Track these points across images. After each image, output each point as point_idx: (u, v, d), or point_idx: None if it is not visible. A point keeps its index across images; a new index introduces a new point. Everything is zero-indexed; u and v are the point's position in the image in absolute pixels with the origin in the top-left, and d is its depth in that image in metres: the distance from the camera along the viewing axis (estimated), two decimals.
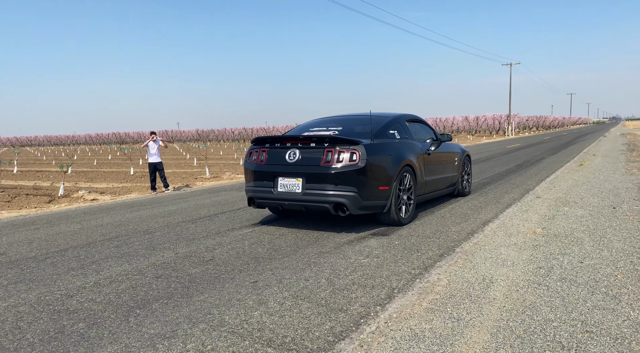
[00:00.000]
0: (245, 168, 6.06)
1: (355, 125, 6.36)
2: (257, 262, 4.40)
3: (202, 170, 17.98)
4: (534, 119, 75.50)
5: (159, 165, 11.26)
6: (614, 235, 4.96)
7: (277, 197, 5.56)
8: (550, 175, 10.69)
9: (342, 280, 3.80)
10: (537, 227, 5.47)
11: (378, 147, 5.58)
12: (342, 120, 6.68)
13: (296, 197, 5.43)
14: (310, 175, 5.36)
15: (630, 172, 10.60)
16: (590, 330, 2.80)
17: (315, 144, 5.44)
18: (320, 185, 5.32)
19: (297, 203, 5.45)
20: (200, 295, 3.57)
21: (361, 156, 5.26)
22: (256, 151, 5.96)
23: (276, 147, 5.76)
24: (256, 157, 5.91)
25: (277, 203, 5.64)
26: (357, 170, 5.22)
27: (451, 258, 4.36)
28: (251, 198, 5.87)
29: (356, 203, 5.26)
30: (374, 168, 5.38)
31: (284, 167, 5.57)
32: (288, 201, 5.50)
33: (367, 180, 5.31)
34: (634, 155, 15.70)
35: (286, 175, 5.53)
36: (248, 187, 5.95)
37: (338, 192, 5.24)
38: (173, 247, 5.07)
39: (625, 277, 3.68)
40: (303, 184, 5.40)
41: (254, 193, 5.81)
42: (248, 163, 6.01)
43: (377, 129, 6.01)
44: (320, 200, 5.31)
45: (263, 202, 5.79)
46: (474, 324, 2.94)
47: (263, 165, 5.77)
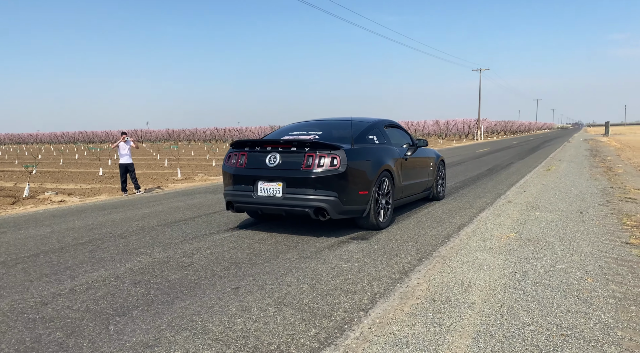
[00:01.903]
0: (224, 171, 5.99)
1: (335, 130, 6.38)
2: (238, 267, 4.37)
3: (173, 172, 17.68)
4: (502, 124, 77.55)
5: (130, 166, 11.03)
6: (582, 240, 5.16)
7: (257, 201, 5.53)
8: (520, 180, 11.02)
9: (324, 286, 3.82)
10: (511, 232, 5.63)
11: (358, 152, 5.61)
12: (322, 125, 6.70)
13: (276, 201, 5.41)
14: (291, 180, 5.35)
15: (594, 178, 11.04)
16: (565, 334, 2.91)
17: (296, 148, 5.44)
18: (300, 190, 5.32)
19: (277, 207, 5.44)
20: (182, 301, 3.53)
21: (342, 161, 5.28)
22: (235, 154, 5.90)
23: (256, 150, 5.72)
24: (235, 160, 5.85)
25: (256, 207, 5.61)
26: (337, 175, 5.24)
27: (429, 262, 4.45)
28: (230, 203, 5.81)
29: (336, 208, 5.29)
30: (354, 173, 5.41)
31: (264, 171, 5.53)
32: (268, 205, 5.49)
33: (348, 184, 5.34)
34: (597, 160, 16.34)
35: (266, 179, 5.49)
36: (227, 191, 5.88)
37: (318, 196, 5.25)
38: (150, 252, 4.98)
39: (595, 281, 3.84)
40: (283, 188, 5.39)
41: (232, 197, 5.75)
42: (227, 166, 5.94)
43: (357, 134, 6.03)
44: (300, 205, 5.31)
45: (242, 206, 5.73)
46: (455, 329, 3.01)
47: (242, 168, 5.72)
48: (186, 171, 17.75)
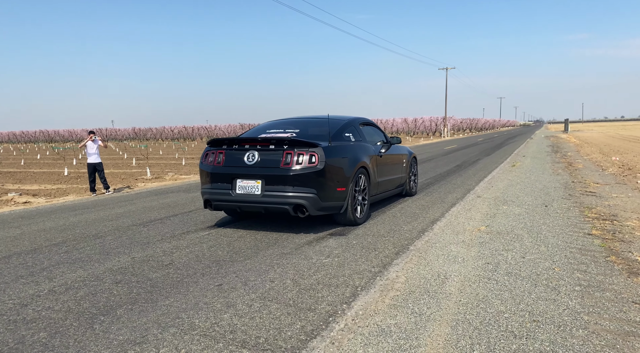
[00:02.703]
0: (201, 170, 5.97)
1: (312, 128, 6.48)
2: (219, 265, 4.40)
3: (142, 171, 17.36)
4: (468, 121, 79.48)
5: (99, 166, 10.80)
6: (548, 232, 5.43)
7: (236, 199, 5.54)
8: (487, 176, 11.39)
9: (307, 281, 3.90)
10: (481, 225, 5.86)
11: (336, 150, 5.72)
12: (299, 123, 6.78)
13: (255, 199, 5.45)
14: (270, 177, 5.40)
15: (557, 173, 11.54)
16: (536, 320, 3.09)
17: (275, 146, 5.48)
18: (279, 187, 5.38)
19: (256, 205, 5.47)
20: (166, 299, 3.54)
21: (320, 158, 5.38)
22: (212, 153, 5.89)
23: (234, 148, 5.73)
24: (213, 158, 5.84)
25: (235, 205, 5.61)
26: (316, 172, 5.33)
27: (406, 256, 4.60)
28: (208, 201, 5.81)
29: (315, 205, 5.39)
30: (332, 170, 5.51)
31: (242, 169, 5.55)
32: (247, 203, 5.51)
33: (326, 181, 5.44)
34: (558, 156, 17.04)
35: (245, 177, 5.52)
36: (204, 189, 5.87)
37: (297, 193, 5.33)
38: (128, 252, 4.94)
39: (562, 270, 4.07)
40: (262, 186, 5.43)
41: (210, 195, 5.75)
42: (204, 164, 5.92)
43: (334, 132, 6.13)
44: (280, 202, 5.36)
45: (220, 204, 5.74)
46: (434, 318, 3.15)
47: (220, 166, 5.72)
48: (155, 170, 17.46)
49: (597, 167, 12.75)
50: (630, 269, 4.04)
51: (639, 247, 4.72)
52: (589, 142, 28.42)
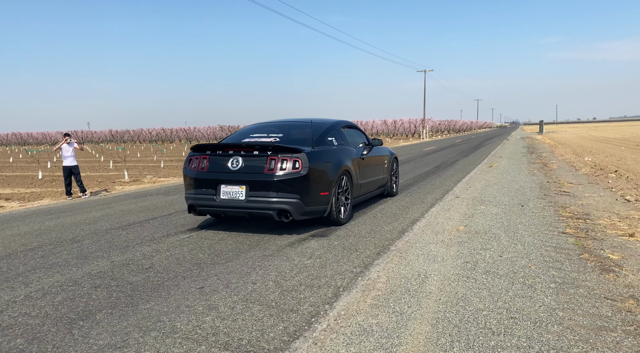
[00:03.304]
0: (184, 175, 5.97)
1: (295, 132, 6.53)
2: (200, 267, 4.38)
3: (120, 174, 17.08)
4: (446, 123, 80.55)
5: (75, 169, 10.60)
6: (524, 231, 5.56)
7: (220, 204, 5.56)
8: (465, 176, 11.58)
9: (289, 282, 3.91)
10: (460, 225, 5.97)
11: (319, 155, 5.77)
12: (282, 127, 6.80)
13: (239, 204, 5.47)
14: (254, 183, 5.42)
15: (532, 173, 11.81)
16: (514, 317, 3.17)
17: (259, 151, 5.51)
18: (263, 193, 5.41)
19: (240, 210, 5.51)
20: (146, 303, 3.50)
21: (303, 164, 5.42)
22: (196, 158, 5.89)
23: (218, 154, 5.73)
24: (196, 164, 5.85)
25: (219, 210, 5.65)
26: (299, 178, 5.37)
27: (387, 256, 4.65)
28: (192, 206, 5.82)
29: (299, 210, 5.44)
30: (315, 174, 5.55)
31: (226, 174, 5.56)
32: (231, 208, 5.54)
33: (310, 186, 5.48)
34: (534, 157, 17.43)
35: (229, 182, 5.54)
36: (188, 195, 5.87)
37: (281, 199, 5.37)
38: (107, 256, 4.87)
39: (538, 268, 4.18)
40: (246, 192, 5.46)
41: (194, 200, 5.76)
42: (188, 170, 5.92)
43: (317, 136, 6.18)
44: (264, 207, 5.40)
45: (205, 209, 5.77)
46: (415, 317, 3.21)
47: (204, 172, 5.72)
48: (133, 173, 17.19)
49: (570, 168, 13.09)
50: (602, 266, 4.17)
51: (611, 244, 4.88)
52: (562, 143, 29.15)
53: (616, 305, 3.32)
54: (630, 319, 3.08)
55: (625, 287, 3.65)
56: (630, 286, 3.68)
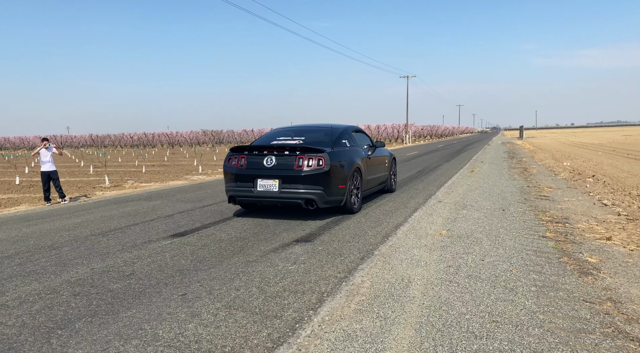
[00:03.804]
0: (225, 171, 7.06)
1: (315, 135, 7.56)
2: (182, 274, 4.32)
3: (100, 179, 16.80)
4: (428, 128, 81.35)
5: (54, 174, 10.39)
6: (506, 235, 5.64)
7: (257, 195, 6.65)
8: (447, 181, 11.70)
9: (272, 288, 3.89)
10: (443, 229, 6.02)
11: (337, 154, 6.91)
12: (302, 131, 7.88)
13: (273, 194, 6.57)
14: (285, 177, 6.52)
15: (513, 178, 11.99)
16: (496, 320, 3.21)
17: (289, 152, 6.62)
18: (293, 185, 6.51)
19: (274, 199, 6.60)
20: (127, 311, 3.45)
21: (326, 162, 6.55)
22: (235, 157, 6.99)
23: (254, 154, 6.83)
24: (236, 162, 6.95)
25: (256, 200, 6.74)
26: (323, 173, 6.50)
27: (371, 261, 4.67)
28: (232, 197, 6.91)
29: (322, 199, 6.58)
30: (335, 170, 6.67)
31: (262, 170, 6.67)
32: (266, 198, 6.63)
33: (331, 180, 6.59)
34: (514, 162, 17.71)
35: (264, 177, 6.62)
36: (229, 188, 6.94)
37: (308, 190, 6.47)
38: (87, 262, 4.78)
39: (519, 272, 4.24)
40: (279, 184, 6.55)
41: (234, 192, 6.83)
42: (229, 167, 7.00)
43: (334, 139, 7.31)
44: (294, 197, 6.51)
45: (243, 199, 6.85)
46: (399, 322, 3.22)
47: (243, 169, 6.82)
48: (114, 178, 16.94)
49: (550, 172, 13.33)
50: (581, 269, 4.25)
51: (589, 248, 4.98)
52: (542, 148, 29.69)
53: (594, 307, 3.38)
54: (608, 321, 3.15)
55: (603, 290, 3.73)
56: (608, 289, 3.76)
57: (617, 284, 3.85)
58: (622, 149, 25.60)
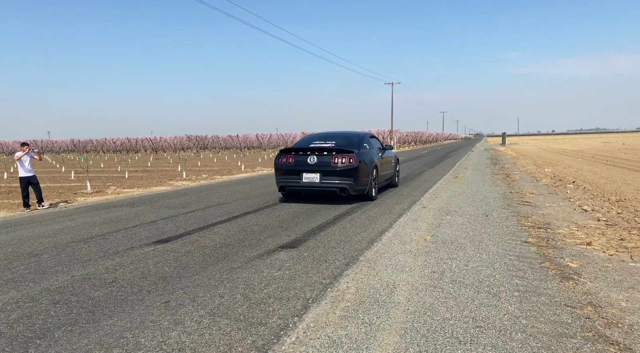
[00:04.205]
0: (276, 167, 9.22)
1: (342, 140, 9.56)
2: (166, 281, 4.27)
3: (82, 185, 16.53)
4: (413, 135, 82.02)
5: (33, 179, 10.19)
6: (489, 240, 5.70)
7: (302, 185, 8.82)
8: (432, 187, 11.80)
9: (257, 295, 3.87)
10: (427, 235, 6.06)
11: (362, 154, 9.04)
12: (331, 136, 9.88)
13: (316, 184, 8.72)
14: (325, 171, 8.66)
15: (496, 184, 12.14)
16: (480, 325, 3.23)
17: (327, 152, 8.77)
18: (331, 177, 8.64)
19: (316, 188, 8.76)
20: (109, 319, 3.38)
21: (355, 160, 8.67)
22: (284, 156, 9.13)
23: (300, 154, 8.96)
24: (285, 160, 9.07)
25: (301, 189, 8.90)
26: (353, 169, 8.64)
27: (357, 266, 4.67)
28: (282, 187, 9.10)
29: (352, 188, 8.70)
30: (361, 167, 8.79)
31: (306, 166, 8.80)
32: (310, 187, 8.78)
33: (358, 174, 8.70)
34: (497, 168, 17.95)
35: (308, 171, 8.77)
36: (279, 180, 9.14)
37: (342, 181, 8.62)
38: (67, 270, 4.68)
39: (502, 277, 4.28)
40: (320, 177, 8.68)
41: (285, 183, 9.01)
42: (280, 164, 9.13)
43: (358, 142, 9.41)
44: (331, 186, 8.65)
45: (292, 188, 9.00)
46: (384, 327, 3.22)
47: (292, 165, 8.93)
48: (96, 184, 16.68)
49: (532, 178, 13.54)
50: (562, 274, 4.32)
51: (570, 253, 5.06)
52: (524, 154, 30.15)
53: (575, 312, 3.43)
54: (589, 325, 3.20)
55: (583, 294, 3.79)
56: (588, 293, 3.82)
57: (597, 289, 3.92)
58: (601, 156, 26.15)
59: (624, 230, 6.15)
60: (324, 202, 9.21)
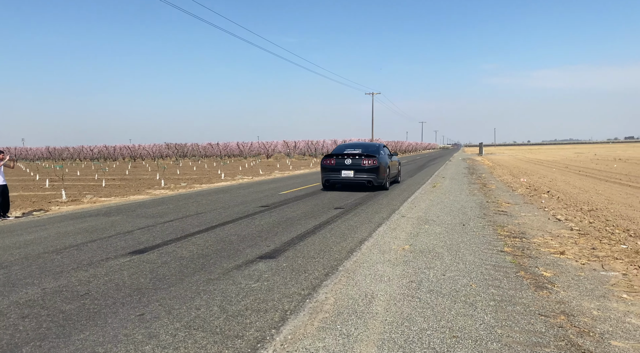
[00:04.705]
0: (323, 166, 13.52)
1: (366, 148, 13.91)
2: (141, 293, 4.19)
3: (57, 193, 16.14)
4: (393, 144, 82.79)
5: (5, 188, 9.89)
6: (466, 250, 5.76)
7: (341, 179, 13.07)
8: (410, 196, 11.91)
9: (234, 307, 3.82)
10: (406, 244, 6.10)
11: (380, 158, 13.25)
12: (358, 146, 14.22)
13: (350, 178, 12.94)
14: (356, 169, 12.88)
15: (473, 193, 12.32)
16: (456, 335, 3.26)
17: (358, 156, 12.98)
18: (361, 173, 12.83)
19: (350, 181, 12.96)
20: (80, 333, 3.30)
21: (377, 162, 12.89)
22: (328, 159, 13.42)
23: (339, 157, 13.21)
24: (329, 161, 13.37)
25: (340, 181, 13.15)
26: (375, 167, 12.84)
27: (335, 276, 4.66)
28: (327, 180, 13.40)
29: (375, 181, 12.85)
30: (380, 166, 13.00)
31: (344, 166, 13.04)
32: (346, 180, 13.00)
33: (379, 171, 12.89)
34: (474, 178, 18.23)
35: (346, 169, 12.99)
36: (325, 175, 13.43)
37: (369, 176, 12.81)
38: (38, 282, 4.55)
39: (478, 286, 4.33)
40: (354, 173, 12.88)
41: (329, 177, 13.31)
42: (326, 164, 13.47)
43: (378, 150, 13.82)
44: (361, 179, 12.85)
45: (334, 181, 13.29)
46: (362, 339, 3.22)
47: (334, 165, 13.22)
48: (72, 192, 16.31)
49: (508, 188, 13.79)
50: (537, 283, 4.39)
51: (544, 262, 5.16)
52: (500, 164, 30.71)
53: (549, 321, 3.49)
54: (562, 334, 3.25)
55: (557, 303, 3.86)
56: (562, 302, 3.89)
57: (569, 297, 4.00)
58: (574, 166, 26.81)
59: (595, 239, 6.30)
60: (307, 211, 9.20)
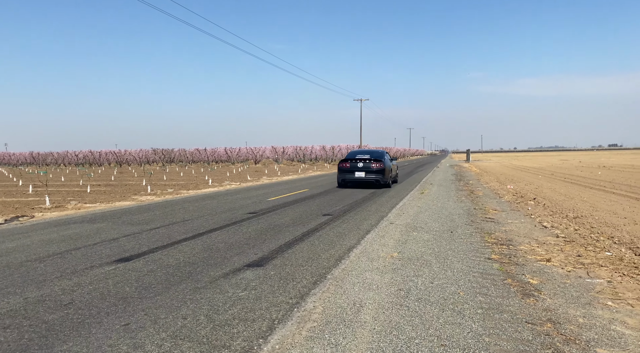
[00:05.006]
0: (340, 168, 17.12)
1: (374, 154, 17.10)
2: (126, 302, 4.12)
3: (40, 199, 15.88)
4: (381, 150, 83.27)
5: None
6: (454, 257, 5.79)
7: (355, 178, 16.64)
8: (399, 203, 11.95)
9: (222, 316, 3.78)
10: (394, 252, 6.10)
11: (385, 161, 16.77)
12: (367, 152, 17.47)
13: (362, 178, 16.51)
14: (367, 171, 16.47)
15: (460, 200, 12.41)
16: (444, 344, 3.26)
17: (368, 160, 16.60)
18: (370, 174, 16.43)
19: (362, 180, 16.54)
20: (63, 344, 3.23)
21: (383, 165, 16.49)
22: (344, 163, 16.98)
23: (353, 161, 16.76)
24: (344, 164, 16.92)
25: (354, 180, 16.72)
26: (382, 169, 16.42)
27: (324, 285, 4.64)
28: (343, 180, 16.99)
29: (381, 180, 16.45)
30: (386, 169, 16.57)
31: (357, 168, 16.56)
32: (359, 179, 16.55)
33: (384, 172, 16.45)
34: (461, 184, 18.37)
35: (358, 171, 16.52)
36: (341, 176, 17.01)
37: (377, 176, 16.40)
38: (20, 292, 4.46)
39: (466, 294, 4.35)
40: (365, 174, 16.46)
41: (345, 177, 16.87)
42: (342, 167, 17.01)
43: (383, 155, 17.08)
44: (371, 179, 16.44)
45: (349, 180, 16.86)
46: (350, 348, 3.20)
47: (349, 167, 16.77)
48: (56, 198, 16.06)
49: (495, 195, 13.91)
50: (524, 291, 4.42)
51: (531, 269, 5.20)
52: (487, 171, 31.00)
53: (536, 328, 3.51)
54: (548, 342, 3.27)
55: (543, 311, 3.88)
56: (548, 309, 3.92)
57: (556, 305, 4.03)
58: (560, 173, 27.17)
59: (580, 246, 6.37)
60: (295, 218, 9.17)
